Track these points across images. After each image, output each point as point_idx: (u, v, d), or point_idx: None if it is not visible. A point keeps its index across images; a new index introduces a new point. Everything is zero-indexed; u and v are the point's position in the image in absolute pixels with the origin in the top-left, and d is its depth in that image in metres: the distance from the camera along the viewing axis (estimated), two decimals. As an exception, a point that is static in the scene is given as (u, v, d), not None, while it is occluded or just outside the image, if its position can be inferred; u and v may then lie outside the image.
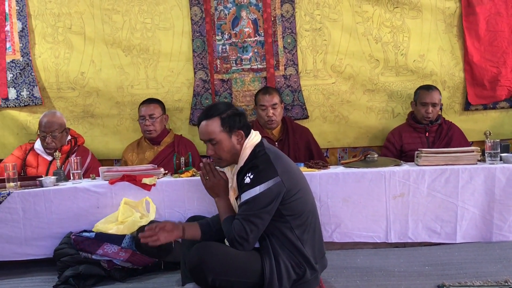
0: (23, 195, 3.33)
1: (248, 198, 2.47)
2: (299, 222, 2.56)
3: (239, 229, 2.47)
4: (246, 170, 2.55)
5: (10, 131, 4.44)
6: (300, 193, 2.57)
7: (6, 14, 4.36)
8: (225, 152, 2.61)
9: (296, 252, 2.54)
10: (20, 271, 3.40)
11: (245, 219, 2.47)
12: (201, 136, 2.67)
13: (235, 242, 2.47)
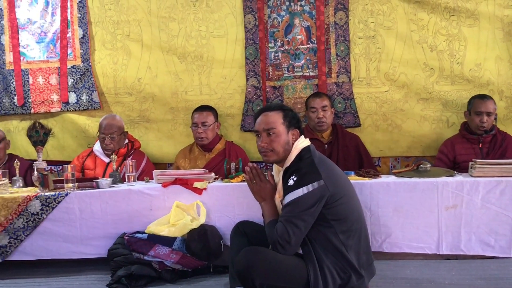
0: (80, 196, 3.45)
1: (291, 200, 2.49)
2: (344, 227, 2.55)
3: (281, 231, 2.48)
4: (291, 172, 2.57)
5: (69, 134, 4.61)
6: (344, 199, 2.57)
7: (68, 21, 4.55)
8: (280, 145, 2.64)
9: (340, 257, 2.54)
10: (76, 269, 3.52)
11: (287, 221, 2.48)
12: (259, 125, 2.69)
13: (278, 244, 2.49)
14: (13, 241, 3.42)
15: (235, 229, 2.92)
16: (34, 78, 4.61)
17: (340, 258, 2.54)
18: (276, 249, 2.50)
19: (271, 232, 2.55)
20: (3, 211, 3.42)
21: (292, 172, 2.56)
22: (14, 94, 4.59)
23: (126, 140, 4.21)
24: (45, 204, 3.42)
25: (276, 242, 2.49)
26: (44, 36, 4.60)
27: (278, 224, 2.52)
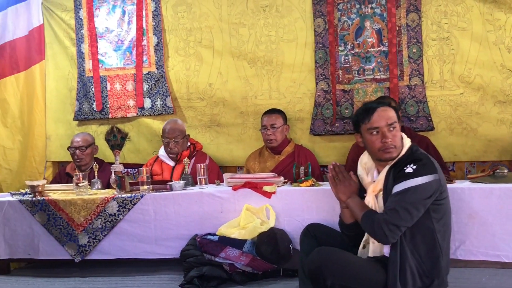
0: (154, 198, 3.57)
1: (408, 187, 2.42)
2: (442, 227, 2.51)
3: (392, 216, 2.41)
4: (407, 162, 2.50)
5: (144, 138, 4.78)
6: (447, 198, 2.56)
7: (144, 29, 4.72)
8: (399, 141, 2.60)
9: (430, 259, 2.48)
10: (150, 269, 3.64)
11: (401, 206, 2.41)
12: (380, 121, 2.60)
13: (385, 229, 2.40)
14: (92, 241, 3.59)
15: (305, 232, 2.92)
16: (112, 85, 4.81)
17: (430, 261, 2.48)
18: (377, 236, 2.45)
19: (371, 220, 2.49)
20: (82, 212, 3.59)
21: (410, 161, 2.50)
22: (93, 100, 4.81)
23: (188, 143, 4.33)
24: (122, 205, 3.56)
25: (381, 228, 2.42)
26: (121, 44, 4.80)
27: (387, 210, 2.45)
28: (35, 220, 3.66)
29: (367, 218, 2.55)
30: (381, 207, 2.56)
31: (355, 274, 2.45)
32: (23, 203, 3.69)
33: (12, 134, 5.03)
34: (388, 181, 2.55)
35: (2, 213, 3.70)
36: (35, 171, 4.92)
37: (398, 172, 2.51)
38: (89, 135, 4.49)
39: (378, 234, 2.46)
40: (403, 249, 2.48)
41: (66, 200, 3.63)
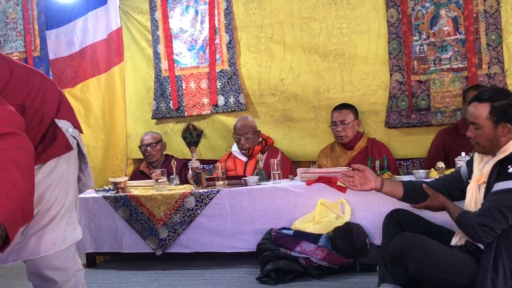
0: (230, 193, 3.65)
1: (508, 188, 2.34)
2: None
3: (486, 218, 2.35)
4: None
5: (219, 135, 4.88)
6: None
7: (216, 28, 4.81)
8: (484, 140, 2.51)
9: None
10: (228, 262, 3.73)
11: (496, 208, 2.34)
12: (467, 115, 2.58)
13: (478, 230, 2.35)
14: (171, 235, 3.72)
15: (389, 218, 2.84)
16: (187, 83, 4.94)
17: None
18: (472, 235, 2.39)
19: (467, 218, 2.43)
20: (162, 207, 3.73)
21: None
22: (170, 99, 4.96)
23: (260, 139, 4.37)
24: (199, 200, 3.66)
25: (474, 227, 2.36)
26: (195, 44, 4.92)
27: (482, 208, 2.39)
28: (118, 215, 3.83)
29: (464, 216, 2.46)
30: (481, 200, 2.48)
31: (440, 263, 2.40)
32: (106, 199, 3.88)
33: (95, 133, 5.27)
34: (492, 176, 2.46)
35: (88, 209, 3.90)
36: (117, 168, 5.14)
37: (502, 169, 2.41)
38: (156, 133, 4.68)
39: (471, 234, 2.39)
40: (499, 246, 2.39)
41: (147, 195, 3.78)
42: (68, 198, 1.93)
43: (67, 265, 1.94)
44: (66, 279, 1.95)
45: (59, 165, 1.91)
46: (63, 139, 1.91)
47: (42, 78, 1.97)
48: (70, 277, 1.96)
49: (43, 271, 1.90)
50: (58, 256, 1.91)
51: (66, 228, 1.91)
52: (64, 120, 1.95)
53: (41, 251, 1.86)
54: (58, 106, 1.95)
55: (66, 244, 1.90)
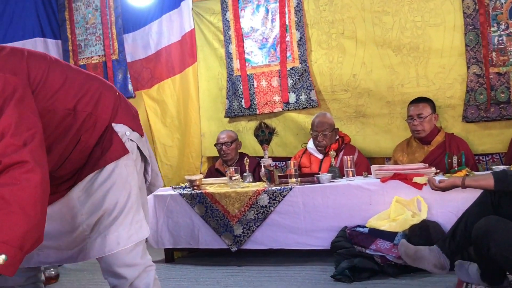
0: (303, 190, 3.66)
1: None
2: None
3: None
4: None
5: (290, 132, 4.89)
6: None
7: (287, 25, 4.82)
8: None
9: None
10: (302, 259, 3.74)
11: None
12: None
13: None
14: (246, 231, 3.78)
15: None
16: (258, 82, 4.99)
17: None
18: None
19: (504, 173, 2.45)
20: (236, 204, 3.79)
21: None
22: (242, 98, 5.02)
23: (337, 136, 4.34)
24: (272, 197, 3.70)
25: None
26: (266, 42, 4.95)
27: None
28: (195, 212, 3.93)
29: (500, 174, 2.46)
30: None
31: None
32: (183, 196, 3.99)
33: (171, 132, 5.43)
34: None
35: (166, 206, 4.03)
36: (192, 166, 5.28)
37: None
38: (232, 132, 4.73)
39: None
40: None
41: (221, 193, 3.86)
42: (131, 199, 2.00)
43: (137, 261, 2.02)
44: (137, 275, 2.03)
45: (117, 168, 1.98)
46: (119, 143, 1.99)
47: (100, 84, 2.05)
48: (141, 273, 2.04)
49: (114, 268, 1.99)
50: (128, 253, 1.99)
51: (130, 227, 1.98)
52: (120, 124, 2.03)
53: (106, 250, 1.95)
54: (115, 111, 2.03)
55: (131, 243, 1.98)
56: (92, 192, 1.95)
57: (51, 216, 1.88)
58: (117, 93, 2.10)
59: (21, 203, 1.51)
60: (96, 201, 1.95)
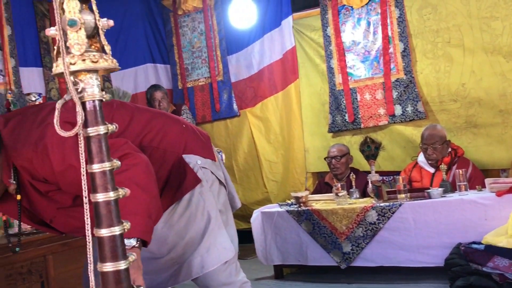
0: (413, 206, 3.57)
1: None
2: None
3: None
4: None
5: (397, 145, 4.79)
6: None
7: (389, 37, 4.75)
8: None
9: None
10: (413, 277, 3.65)
11: None
12: None
13: None
14: (355, 248, 3.75)
15: None
16: (362, 95, 4.95)
17: None
18: None
19: None
20: (344, 221, 3.78)
21: None
22: (345, 112, 5.00)
23: (449, 149, 4.16)
24: (381, 214, 3.64)
25: None
26: (368, 55, 4.91)
27: None
28: (302, 228, 3.97)
29: None
30: None
31: None
32: (290, 213, 4.04)
33: (275, 149, 5.52)
34: None
35: (273, 223, 4.10)
36: (297, 182, 5.32)
37: None
38: (344, 146, 4.68)
39: None
40: None
41: (328, 209, 3.86)
42: (211, 224, 2.07)
43: (231, 279, 2.11)
44: None
45: (193, 198, 2.06)
46: (191, 173, 2.06)
47: (166, 120, 2.14)
48: None
49: (211, 287, 2.08)
50: (222, 272, 2.08)
51: (214, 250, 2.06)
52: (190, 155, 2.09)
53: (193, 274, 2.05)
54: (184, 143, 2.11)
55: (216, 265, 2.06)
56: (173, 223, 2.05)
57: None
58: (184, 126, 2.18)
59: (138, 182, 1.68)
60: (179, 231, 2.05)
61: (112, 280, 0.98)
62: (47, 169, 1.75)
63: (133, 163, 1.72)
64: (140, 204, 1.68)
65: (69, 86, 0.97)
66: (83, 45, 0.95)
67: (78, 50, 0.95)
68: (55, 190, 1.85)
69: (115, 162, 1.03)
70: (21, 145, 1.77)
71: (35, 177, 1.81)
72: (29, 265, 2.92)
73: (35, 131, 1.77)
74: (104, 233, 1.00)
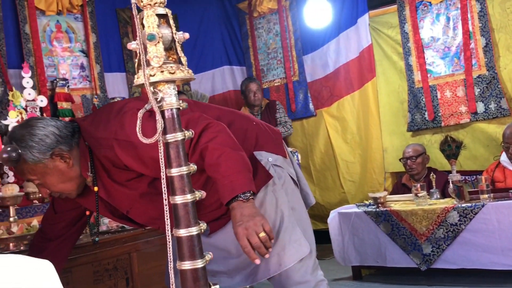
0: (496, 207, 3.44)
1: None
2: None
3: None
4: None
5: (480, 144, 4.62)
6: None
7: (470, 32, 4.59)
8: None
9: None
10: (498, 280, 3.51)
11: None
12: None
13: None
14: (435, 250, 3.66)
15: None
16: (442, 93, 4.81)
17: None
18: None
19: None
20: (424, 222, 3.70)
21: None
22: (425, 110, 4.88)
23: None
24: (463, 215, 3.54)
25: None
26: (448, 51, 4.77)
27: None
28: (380, 229, 3.92)
29: None
30: None
31: None
32: (368, 214, 4.00)
33: (352, 149, 5.48)
34: None
35: (351, 224, 4.08)
36: (375, 182, 5.25)
37: None
38: (419, 145, 4.57)
39: None
40: None
41: (407, 210, 3.79)
42: (285, 221, 2.06)
43: (307, 278, 2.08)
44: None
45: (267, 196, 2.05)
46: (263, 170, 2.06)
47: (236, 117, 2.17)
48: None
49: (287, 286, 2.08)
50: (297, 271, 2.05)
51: (289, 247, 2.04)
52: (262, 152, 2.10)
53: (271, 272, 2.04)
54: (256, 140, 2.12)
55: (292, 262, 2.03)
56: None
57: (216, 245, 2.06)
58: (254, 123, 2.20)
59: (229, 144, 1.82)
60: None
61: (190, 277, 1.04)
62: (128, 154, 1.84)
63: (218, 130, 1.83)
64: (238, 162, 1.80)
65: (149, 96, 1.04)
66: (161, 58, 1.02)
67: (157, 63, 1.02)
68: (133, 178, 1.94)
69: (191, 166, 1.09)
70: (101, 135, 1.88)
71: (116, 164, 1.91)
72: (115, 262, 3.07)
73: (114, 120, 1.87)
74: (182, 233, 1.06)
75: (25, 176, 1.99)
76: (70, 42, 4.96)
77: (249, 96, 5.40)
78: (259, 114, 5.44)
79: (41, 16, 4.77)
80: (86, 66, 5.02)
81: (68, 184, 1.97)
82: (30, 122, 1.98)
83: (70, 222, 2.22)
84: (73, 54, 4.97)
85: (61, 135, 1.93)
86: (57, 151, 1.91)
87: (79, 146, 1.96)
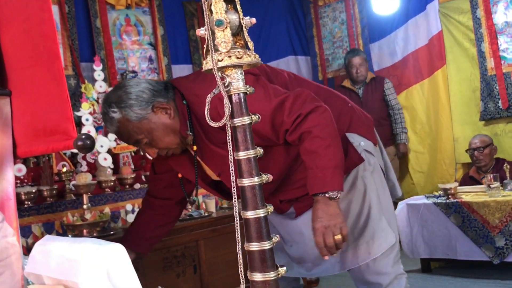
0: None
1: None
2: None
3: None
4: None
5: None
6: None
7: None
8: None
9: None
10: None
11: None
12: None
13: None
14: (509, 243, 3.52)
15: None
16: (517, 80, 4.60)
17: None
18: None
19: None
20: (497, 214, 3.56)
21: None
22: (498, 98, 4.68)
23: None
24: (539, 207, 3.38)
25: None
26: (523, 36, 4.56)
27: None
28: (450, 221, 3.81)
29: None
30: None
31: None
32: (437, 205, 3.90)
33: (422, 139, 5.33)
34: None
35: (419, 215, 3.98)
36: (446, 173, 5.10)
37: None
38: (486, 136, 4.41)
39: None
40: None
41: (479, 202, 3.67)
42: (373, 210, 2.02)
43: (387, 270, 2.05)
44: (388, 283, 2.05)
45: (357, 181, 2.03)
46: (354, 152, 2.02)
47: (331, 95, 2.14)
48: (393, 281, 2.06)
49: (366, 276, 2.05)
50: (379, 262, 2.02)
51: (378, 236, 2.01)
52: (354, 134, 2.06)
53: (359, 260, 2.01)
54: (349, 122, 2.08)
55: (381, 251, 2.00)
56: None
57: (303, 232, 2.03)
58: (349, 104, 2.16)
59: (330, 134, 1.82)
60: None
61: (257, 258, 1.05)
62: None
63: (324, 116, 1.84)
64: (335, 157, 1.81)
65: (217, 81, 1.06)
66: (229, 43, 1.03)
67: (225, 48, 1.03)
68: None
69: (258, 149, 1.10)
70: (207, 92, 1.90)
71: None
72: (183, 249, 3.14)
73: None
74: (249, 215, 1.07)
75: (131, 138, 2.00)
76: (138, 35, 5.10)
77: (351, 71, 5.23)
78: (360, 88, 5.29)
79: (111, 10, 4.93)
80: (154, 58, 5.15)
81: (172, 137, 1.97)
82: (121, 84, 2.02)
83: (168, 183, 2.24)
84: (142, 47, 5.11)
85: (155, 89, 1.96)
86: (157, 103, 1.94)
87: (176, 103, 1.97)
